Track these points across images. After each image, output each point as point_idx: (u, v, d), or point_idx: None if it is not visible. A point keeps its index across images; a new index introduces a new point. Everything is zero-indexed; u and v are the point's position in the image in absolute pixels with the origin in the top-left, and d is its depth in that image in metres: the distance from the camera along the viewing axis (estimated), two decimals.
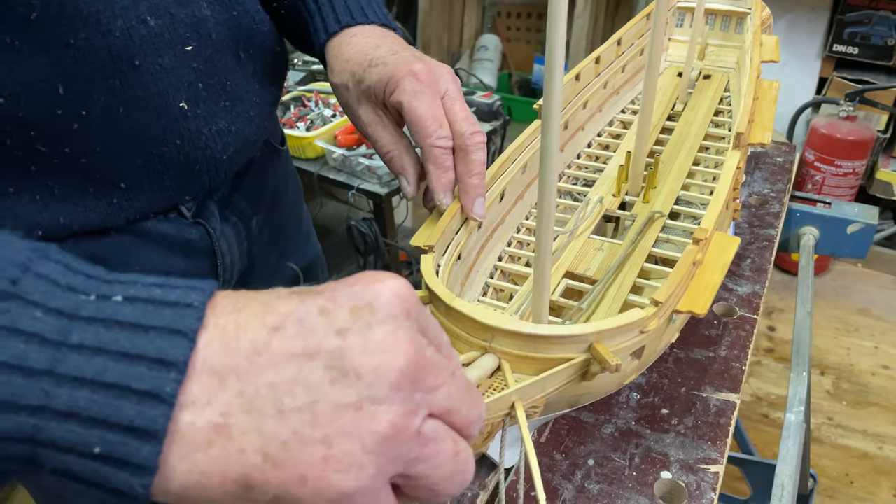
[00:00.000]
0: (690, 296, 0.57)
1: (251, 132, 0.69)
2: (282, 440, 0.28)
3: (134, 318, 0.28)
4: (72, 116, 0.53)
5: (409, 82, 0.58)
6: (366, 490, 0.29)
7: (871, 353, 2.23)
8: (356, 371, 0.29)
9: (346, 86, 0.63)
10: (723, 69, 1.09)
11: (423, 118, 0.58)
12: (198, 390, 0.28)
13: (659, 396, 0.69)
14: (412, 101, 0.58)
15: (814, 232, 1.08)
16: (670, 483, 0.61)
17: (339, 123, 1.69)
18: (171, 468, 0.28)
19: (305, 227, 0.95)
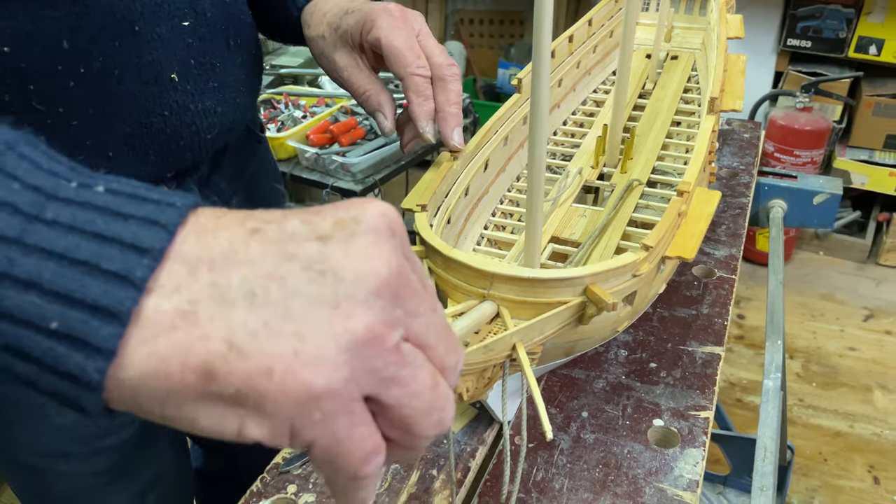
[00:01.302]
0: (678, 243, 0.59)
1: (235, 117, 0.71)
2: (250, 330, 0.26)
3: (114, 206, 0.27)
4: (70, 74, 0.54)
5: (386, 19, 0.62)
6: (338, 394, 0.27)
7: (837, 336, 2.29)
8: (335, 273, 0.28)
9: (323, 35, 0.67)
10: (689, 50, 1.12)
11: (402, 50, 0.61)
12: (167, 277, 0.26)
13: (647, 352, 0.71)
14: (389, 35, 0.61)
15: (782, 205, 1.11)
16: (663, 430, 0.63)
17: (311, 124, 1.70)
18: (129, 353, 0.26)
19: None
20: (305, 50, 2.09)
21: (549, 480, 0.58)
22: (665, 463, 0.59)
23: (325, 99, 1.84)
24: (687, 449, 0.61)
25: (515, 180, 0.85)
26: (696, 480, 0.58)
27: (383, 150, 1.62)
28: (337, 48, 0.66)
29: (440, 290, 0.55)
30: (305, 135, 1.67)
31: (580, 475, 0.59)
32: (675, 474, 0.58)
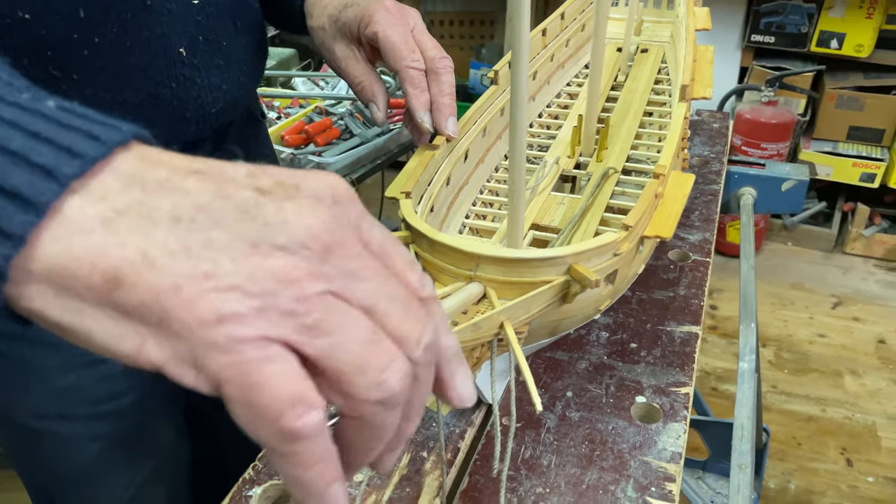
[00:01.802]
0: (656, 223, 0.61)
1: (239, 95, 0.75)
2: (168, 249, 0.26)
3: (60, 118, 0.27)
4: (85, 42, 0.58)
5: (383, 15, 0.66)
6: (245, 322, 0.26)
7: (806, 324, 2.35)
8: (265, 219, 0.27)
9: (323, 27, 0.71)
10: (658, 43, 1.15)
11: (398, 44, 0.65)
12: (97, 185, 0.26)
13: (626, 333, 0.73)
14: (386, 30, 0.65)
15: (752, 192, 1.14)
16: (645, 406, 0.64)
17: (285, 125, 1.70)
18: (40, 247, 0.25)
19: None
20: (278, 51, 2.10)
21: (537, 458, 0.60)
22: (648, 437, 0.61)
23: (298, 100, 1.84)
24: (669, 423, 0.62)
25: (494, 171, 0.86)
26: (679, 453, 0.60)
27: (359, 149, 1.63)
28: (336, 39, 0.70)
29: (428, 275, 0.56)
30: (280, 136, 1.67)
31: (567, 451, 0.60)
32: (659, 447, 0.60)
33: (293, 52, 2.07)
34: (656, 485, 0.57)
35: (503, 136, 0.88)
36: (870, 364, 2.18)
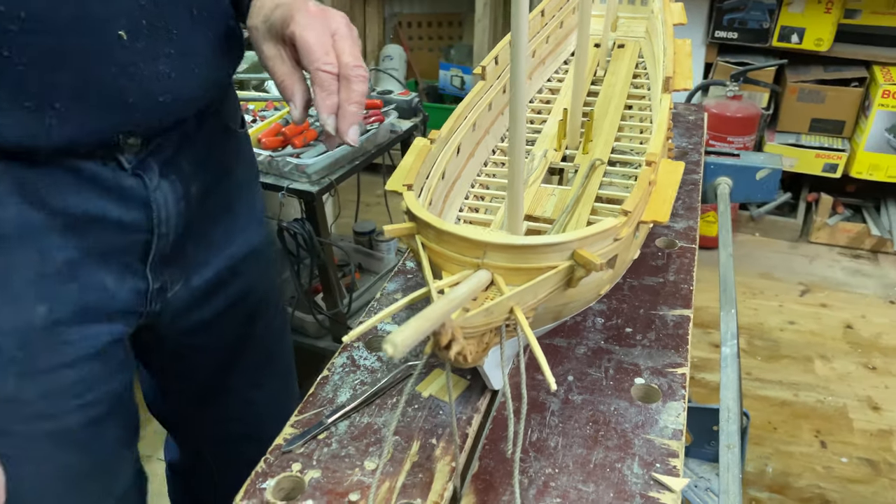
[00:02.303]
0: (651, 209, 0.63)
1: (195, 88, 0.74)
2: None
3: None
4: (10, 17, 0.58)
5: (303, 16, 0.67)
6: None
7: (776, 312, 2.41)
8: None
9: (257, 27, 0.72)
10: (634, 38, 1.17)
11: (312, 46, 0.66)
12: None
13: (621, 318, 0.75)
14: (303, 31, 0.66)
15: (728, 181, 1.18)
16: (644, 387, 0.66)
17: (262, 127, 1.69)
18: None
19: (258, 213, 0.98)
20: (251, 54, 2.09)
21: (544, 440, 0.61)
22: (650, 416, 0.63)
23: (273, 102, 1.83)
24: (668, 402, 0.65)
25: (483, 165, 0.88)
26: (680, 430, 0.62)
27: (337, 150, 1.63)
28: (266, 39, 0.71)
29: (434, 264, 0.58)
30: (257, 138, 1.67)
31: (572, 433, 0.62)
32: (661, 425, 0.62)
33: None
34: (661, 461, 0.59)
35: (491, 131, 0.90)
36: (838, 349, 2.24)
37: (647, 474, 0.58)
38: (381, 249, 2.14)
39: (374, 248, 2.15)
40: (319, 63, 0.66)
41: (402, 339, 0.39)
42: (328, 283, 1.78)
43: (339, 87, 0.67)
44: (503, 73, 0.93)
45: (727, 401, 1.02)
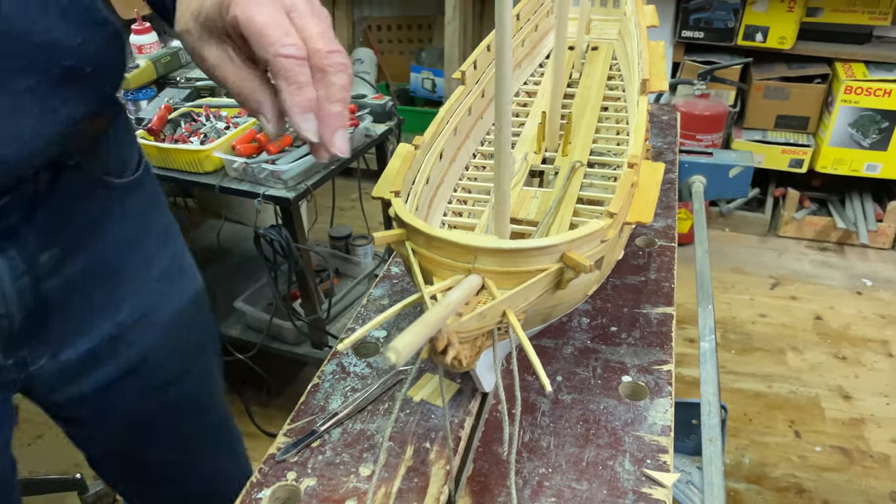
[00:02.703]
0: (635, 210, 0.64)
1: (15, 153, 0.60)
2: None
3: None
4: None
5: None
6: None
7: (748, 305, 2.45)
8: None
9: (188, 30, 0.54)
10: (607, 40, 1.19)
11: (264, 26, 0.49)
12: None
13: (606, 318, 0.76)
14: (247, 10, 0.49)
15: (702, 179, 1.20)
16: (632, 385, 0.68)
17: (235, 134, 1.68)
18: None
19: (169, 269, 0.83)
20: None
21: (536, 440, 0.62)
22: (638, 414, 0.64)
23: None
24: (656, 399, 0.66)
25: (465, 169, 0.88)
26: (668, 426, 0.63)
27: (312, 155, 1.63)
28: (204, 41, 0.54)
29: (424, 270, 0.58)
30: (231, 145, 1.66)
31: (564, 432, 0.63)
32: (649, 422, 0.63)
33: None
34: (651, 457, 0.60)
35: (471, 135, 0.91)
36: (809, 340, 2.29)
37: (639, 471, 0.59)
38: (357, 254, 2.14)
39: (350, 253, 2.15)
40: (277, 46, 0.49)
41: (404, 345, 0.40)
42: (306, 289, 1.78)
43: (314, 82, 0.51)
44: (481, 77, 0.94)
45: (707, 395, 1.04)
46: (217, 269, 2.16)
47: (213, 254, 2.27)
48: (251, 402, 2.06)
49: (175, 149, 1.65)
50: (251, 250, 2.32)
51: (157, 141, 1.69)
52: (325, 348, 1.87)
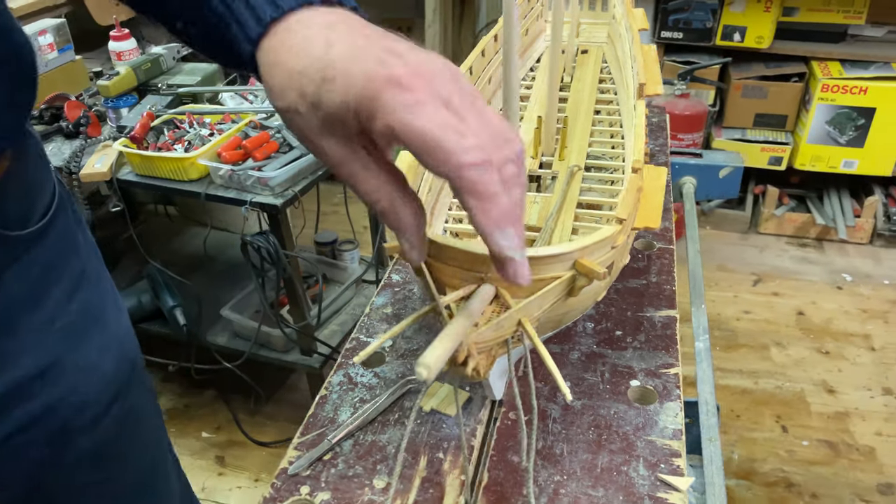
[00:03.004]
0: (642, 215, 0.64)
1: None
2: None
3: None
4: None
5: (393, 96, 0.39)
6: None
7: (732, 302, 2.48)
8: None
9: (297, 109, 0.43)
10: (596, 44, 1.20)
11: (434, 133, 0.39)
12: None
13: (610, 322, 0.76)
14: (403, 117, 0.39)
15: (692, 180, 1.21)
16: (640, 389, 0.68)
17: (220, 141, 1.66)
18: None
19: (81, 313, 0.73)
20: (202, 67, 2.05)
21: (549, 447, 0.62)
22: (649, 418, 0.65)
23: (230, 115, 1.81)
24: (665, 403, 0.66)
25: None
26: (679, 429, 0.63)
27: (299, 161, 1.62)
28: (323, 134, 0.43)
29: (437, 280, 0.58)
30: (217, 152, 1.64)
31: (576, 439, 0.63)
32: (660, 426, 0.64)
33: (216, 68, 2.03)
34: (664, 461, 0.60)
35: None
36: (792, 335, 2.32)
37: (653, 475, 0.59)
38: (344, 259, 2.13)
39: (337, 258, 2.14)
40: (458, 156, 0.39)
41: (435, 359, 0.39)
42: (295, 296, 1.76)
43: None
44: (477, 81, 0.94)
45: (704, 394, 1.05)
46: (202, 277, 2.14)
47: (197, 262, 2.24)
48: (239, 410, 2.04)
49: (159, 157, 1.63)
50: (236, 257, 2.30)
51: (140, 149, 1.67)
52: (315, 355, 1.86)
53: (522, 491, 0.58)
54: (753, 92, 2.61)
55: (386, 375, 0.71)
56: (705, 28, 2.54)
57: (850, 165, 2.61)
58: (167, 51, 2.01)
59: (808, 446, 1.93)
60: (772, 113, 2.64)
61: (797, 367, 2.20)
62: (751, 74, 2.61)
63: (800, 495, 1.80)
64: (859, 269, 2.62)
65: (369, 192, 0.44)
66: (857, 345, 2.28)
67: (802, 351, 2.26)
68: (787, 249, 2.74)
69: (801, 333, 2.33)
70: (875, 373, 2.16)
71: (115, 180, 1.69)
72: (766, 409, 2.05)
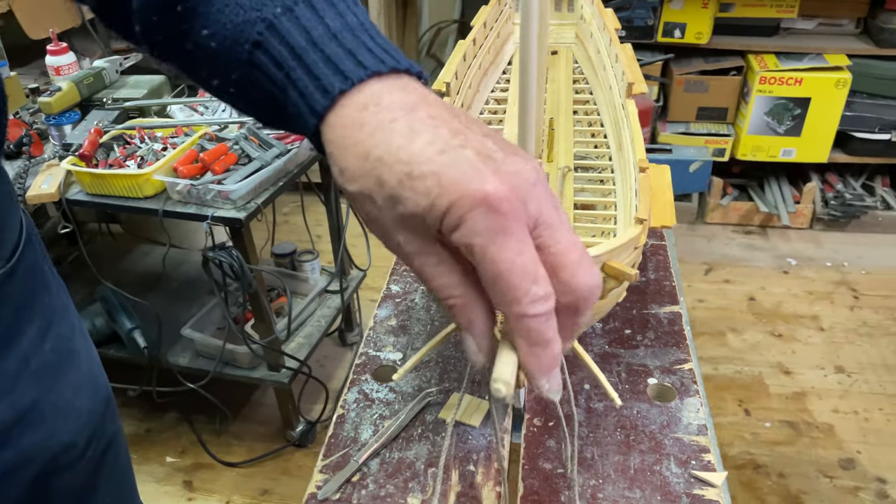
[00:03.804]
0: (656, 214, 0.64)
1: None
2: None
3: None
4: None
5: (481, 217, 0.36)
6: None
7: (687, 292, 2.54)
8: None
9: (371, 197, 0.39)
10: (565, 45, 1.21)
11: (511, 275, 0.37)
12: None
13: (618, 321, 0.77)
14: (489, 247, 0.37)
15: None
16: (658, 387, 0.68)
17: (176, 155, 1.61)
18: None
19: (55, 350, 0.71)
20: (147, 79, 1.98)
21: (580, 452, 0.62)
22: (672, 415, 0.65)
23: (182, 128, 1.75)
24: (685, 399, 0.67)
25: None
26: (704, 424, 0.64)
27: (260, 173, 1.58)
28: (398, 227, 0.40)
29: None
30: (172, 167, 1.58)
31: (605, 441, 0.63)
32: (684, 423, 0.64)
33: (163, 80, 1.97)
34: (695, 458, 0.61)
35: None
36: (746, 321, 2.39)
37: (686, 472, 0.59)
38: (304, 270, 2.09)
39: (297, 270, 2.10)
40: (524, 304, 0.38)
41: (510, 374, 0.39)
42: (260, 311, 1.72)
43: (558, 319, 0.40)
44: (460, 87, 0.93)
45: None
46: (158, 296, 2.07)
47: (151, 280, 2.17)
48: (203, 431, 1.98)
49: (111, 174, 1.57)
50: (191, 274, 2.23)
51: (89, 167, 1.60)
52: (283, 370, 1.82)
53: (560, 498, 0.58)
54: (695, 86, 2.68)
55: (402, 389, 0.69)
56: (647, 25, 2.60)
57: (788, 154, 2.71)
58: (109, 63, 1.93)
59: (771, 427, 1.99)
60: (713, 106, 2.72)
61: (754, 351, 2.26)
62: (692, 70, 2.68)
63: (767, 475, 1.86)
64: (802, 252, 2.72)
65: (442, 288, 0.41)
66: (807, 326, 2.37)
67: (757, 335, 2.33)
68: (734, 238, 2.82)
69: (754, 318, 2.40)
70: (826, 352, 2.25)
71: (65, 201, 1.61)
72: (727, 394, 2.11)
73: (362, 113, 0.39)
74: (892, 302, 2.45)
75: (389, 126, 0.38)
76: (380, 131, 0.38)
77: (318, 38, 0.40)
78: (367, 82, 0.39)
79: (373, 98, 0.39)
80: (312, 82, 0.40)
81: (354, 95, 0.39)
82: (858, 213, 2.75)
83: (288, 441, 1.95)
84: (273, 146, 1.66)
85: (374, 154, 0.38)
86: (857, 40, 2.61)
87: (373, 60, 0.40)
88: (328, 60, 0.40)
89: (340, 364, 2.24)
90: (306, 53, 0.40)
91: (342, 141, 0.40)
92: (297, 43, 0.40)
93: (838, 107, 2.57)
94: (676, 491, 0.58)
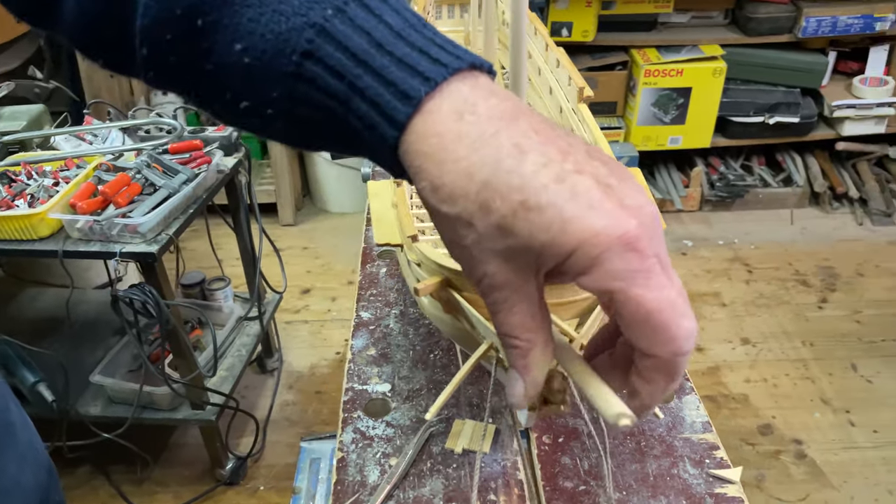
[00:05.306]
0: None
1: None
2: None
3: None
4: None
5: (618, 258, 0.33)
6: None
7: None
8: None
9: (470, 223, 0.35)
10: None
11: (664, 315, 0.34)
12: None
13: None
14: (632, 289, 0.34)
15: None
16: None
17: (70, 189, 1.48)
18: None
19: None
20: (24, 109, 1.82)
21: (595, 465, 0.61)
22: (675, 415, 0.65)
23: (73, 160, 1.62)
24: (683, 398, 0.67)
25: None
26: (707, 421, 0.65)
27: (169, 202, 1.48)
28: (495, 257, 0.35)
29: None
30: (69, 203, 1.46)
31: (617, 451, 0.62)
32: (688, 422, 0.65)
33: (42, 108, 1.81)
34: (708, 456, 0.61)
35: None
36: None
37: (703, 472, 0.60)
38: (217, 298, 1.99)
39: (209, 299, 1.99)
40: (679, 344, 0.35)
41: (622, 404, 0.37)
42: (179, 348, 1.61)
43: None
44: None
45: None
46: (57, 343, 1.90)
47: (43, 327, 1.99)
48: (122, 482, 1.84)
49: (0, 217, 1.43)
50: (89, 315, 2.07)
51: None
52: (209, 406, 1.72)
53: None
54: (589, 83, 2.76)
55: (400, 423, 0.66)
56: None
57: (675, 141, 2.84)
58: None
59: None
60: (603, 101, 2.81)
61: None
62: (580, 66, 2.76)
63: None
64: (696, 234, 2.87)
65: (511, 328, 0.37)
66: (710, 303, 2.49)
67: None
68: None
69: None
70: (731, 325, 2.38)
71: None
72: None
73: (459, 123, 0.34)
74: (781, 273, 2.62)
75: (493, 141, 0.34)
76: (483, 145, 0.34)
77: (382, 39, 0.35)
78: (450, 81, 0.35)
79: (466, 104, 0.35)
80: (387, 89, 0.35)
81: (441, 100, 0.35)
82: (742, 193, 2.93)
83: (218, 480, 1.84)
84: (179, 171, 1.56)
85: (480, 176, 0.33)
86: (728, 31, 2.77)
87: (449, 57, 0.35)
88: (401, 62, 0.34)
89: (263, 392, 2.14)
90: (372, 58, 0.34)
91: (439, 154, 0.34)
92: (359, 47, 0.34)
93: (717, 94, 2.72)
94: (699, 493, 0.58)
